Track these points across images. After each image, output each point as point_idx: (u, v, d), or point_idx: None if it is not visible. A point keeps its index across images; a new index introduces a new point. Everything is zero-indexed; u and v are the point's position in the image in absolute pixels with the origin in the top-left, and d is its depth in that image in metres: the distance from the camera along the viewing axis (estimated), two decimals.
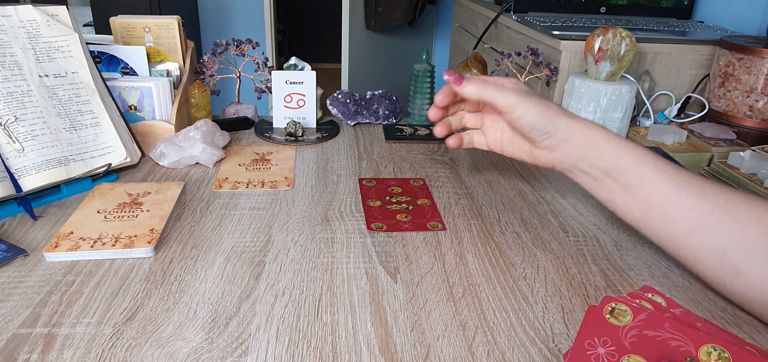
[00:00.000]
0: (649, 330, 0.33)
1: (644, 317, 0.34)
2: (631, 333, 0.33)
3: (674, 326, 0.33)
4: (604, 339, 0.34)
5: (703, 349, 0.32)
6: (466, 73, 0.96)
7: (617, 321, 0.34)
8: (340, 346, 0.42)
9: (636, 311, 0.34)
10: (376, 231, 0.59)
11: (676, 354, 0.32)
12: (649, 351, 0.32)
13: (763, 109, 0.93)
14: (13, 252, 0.52)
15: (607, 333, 0.34)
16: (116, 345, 0.41)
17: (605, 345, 0.33)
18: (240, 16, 2.65)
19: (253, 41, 0.93)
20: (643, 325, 0.33)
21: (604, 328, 0.34)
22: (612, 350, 0.33)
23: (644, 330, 0.33)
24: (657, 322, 0.33)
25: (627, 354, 0.33)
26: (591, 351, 0.34)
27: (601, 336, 0.34)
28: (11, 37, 0.65)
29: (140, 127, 0.78)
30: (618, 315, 0.34)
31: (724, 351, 0.31)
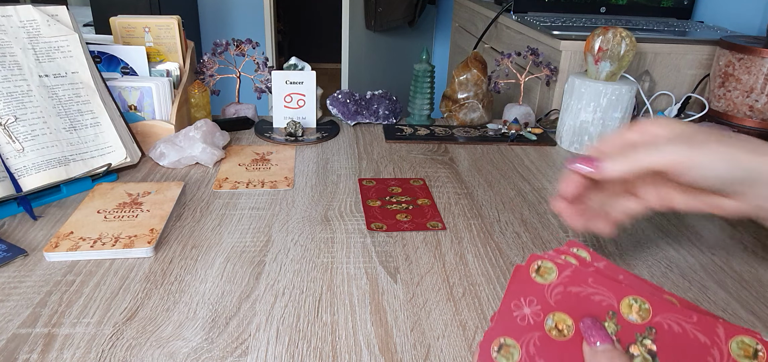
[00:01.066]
0: (574, 286, 0.33)
1: (569, 273, 0.34)
2: (556, 291, 0.34)
3: (597, 280, 0.33)
4: (529, 299, 0.34)
5: (624, 302, 0.32)
6: (465, 73, 0.96)
7: (543, 279, 0.34)
8: (340, 346, 0.42)
9: (561, 268, 0.34)
10: (376, 231, 0.59)
11: (599, 308, 0.32)
12: (574, 308, 0.33)
13: (763, 109, 0.93)
14: (13, 252, 0.52)
15: (533, 292, 0.34)
16: (116, 345, 0.41)
17: (531, 304, 0.34)
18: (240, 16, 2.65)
19: (253, 41, 0.93)
20: (568, 281, 0.34)
21: (530, 287, 0.34)
22: (538, 309, 0.33)
23: (569, 287, 0.33)
24: (581, 278, 0.33)
25: (552, 312, 0.33)
26: (517, 311, 0.34)
27: (527, 295, 0.34)
28: (11, 37, 0.65)
29: (140, 127, 0.78)
30: (544, 273, 0.35)
31: (645, 302, 0.32)
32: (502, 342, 0.33)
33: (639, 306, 0.32)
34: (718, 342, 0.29)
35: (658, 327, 0.31)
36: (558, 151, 0.88)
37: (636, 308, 0.32)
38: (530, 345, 0.32)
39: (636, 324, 0.31)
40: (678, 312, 0.31)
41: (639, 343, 0.30)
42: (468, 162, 0.81)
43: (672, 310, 0.31)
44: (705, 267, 0.55)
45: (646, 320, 0.31)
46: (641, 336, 0.31)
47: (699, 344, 0.29)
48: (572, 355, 0.31)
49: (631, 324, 0.31)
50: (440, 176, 0.75)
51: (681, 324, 0.30)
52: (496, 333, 0.33)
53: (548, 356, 0.31)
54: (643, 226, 0.63)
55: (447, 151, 0.85)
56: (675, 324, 0.30)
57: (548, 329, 0.32)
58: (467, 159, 0.82)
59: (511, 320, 0.33)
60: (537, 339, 0.32)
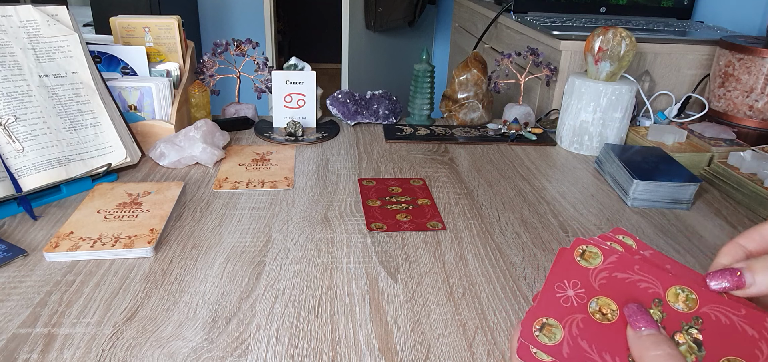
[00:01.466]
0: (619, 273, 0.33)
1: (615, 259, 0.33)
2: (600, 275, 0.33)
3: (644, 267, 0.33)
4: (573, 282, 0.33)
5: (671, 291, 0.32)
6: (465, 73, 0.96)
7: (588, 263, 0.34)
8: (340, 346, 0.42)
9: (606, 253, 0.34)
10: (376, 231, 0.59)
11: (645, 295, 0.32)
12: (618, 293, 0.32)
13: (763, 109, 0.93)
14: (13, 252, 0.52)
15: (577, 276, 0.33)
16: (116, 345, 0.41)
17: (575, 287, 0.33)
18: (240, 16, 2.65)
19: (253, 41, 0.93)
20: (613, 267, 0.33)
21: (574, 270, 0.34)
22: (581, 292, 0.33)
23: (614, 273, 0.33)
24: (627, 264, 0.33)
25: (596, 296, 0.32)
26: (560, 293, 0.33)
27: (571, 278, 0.33)
28: (11, 37, 0.65)
29: (140, 127, 0.78)
30: (588, 258, 0.34)
31: (692, 292, 0.31)
32: (544, 321, 0.32)
33: (686, 295, 0.31)
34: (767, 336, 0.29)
35: (705, 317, 0.30)
36: (558, 151, 0.88)
37: (683, 297, 0.31)
38: (573, 326, 0.32)
39: (682, 313, 0.31)
40: (726, 304, 0.30)
41: (684, 331, 0.30)
42: (468, 162, 0.81)
43: (720, 302, 0.30)
44: (705, 267, 0.55)
45: (692, 310, 0.31)
46: (687, 325, 0.30)
47: (746, 336, 0.29)
48: (616, 339, 0.31)
49: (677, 313, 0.31)
50: (440, 176, 0.75)
51: (728, 316, 0.30)
52: (538, 313, 0.33)
53: (592, 338, 0.31)
54: (643, 226, 0.63)
55: (447, 151, 0.85)
56: (722, 315, 0.30)
57: (592, 312, 0.32)
58: (467, 159, 0.82)
59: (554, 300, 0.33)
60: (580, 321, 0.32)
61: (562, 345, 0.31)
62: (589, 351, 0.31)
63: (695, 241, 0.60)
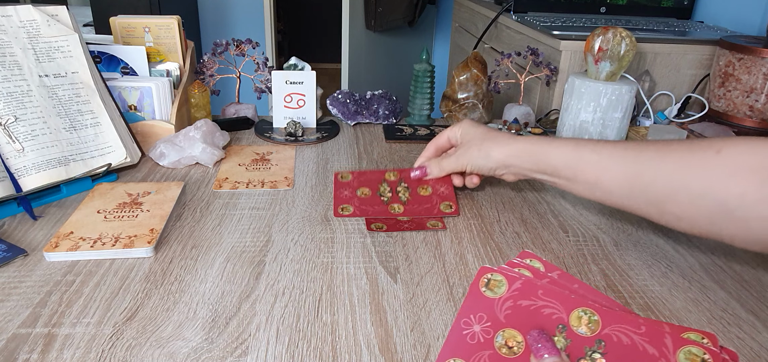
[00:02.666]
0: (523, 300, 0.33)
1: (519, 286, 0.33)
2: (506, 305, 0.33)
3: (547, 292, 0.33)
4: (480, 315, 0.33)
5: (573, 314, 0.32)
6: (465, 73, 0.96)
7: (493, 293, 0.34)
8: (340, 346, 0.42)
9: (511, 280, 0.33)
10: (376, 232, 0.59)
11: (549, 321, 0.32)
12: (524, 323, 0.32)
13: (763, 109, 0.93)
14: (13, 252, 0.52)
15: (484, 308, 0.33)
16: (116, 345, 0.41)
17: (481, 321, 0.33)
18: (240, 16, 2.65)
19: (253, 41, 0.93)
20: (517, 295, 0.33)
21: (480, 303, 0.33)
22: (488, 326, 0.33)
23: (519, 301, 0.33)
24: (531, 290, 0.33)
25: (502, 329, 0.32)
26: (467, 329, 0.33)
27: (478, 311, 0.33)
28: (11, 37, 0.65)
29: (140, 127, 0.78)
30: (493, 287, 0.34)
31: (594, 314, 0.31)
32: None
33: (588, 317, 0.31)
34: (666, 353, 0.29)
35: (607, 339, 0.30)
36: None
37: (585, 320, 0.31)
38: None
39: (585, 338, 0.31)
40: (626, 322, 0.30)
41: (588, 357, 0.30)
42: None
43: (621, 320, 0.30)
44: (705, 267, 0.55)
45: (595, 332, 0.31)
46: (590, 350, 0.30)
47: (647, 356, 0.29)
48: None
49: (580, 338, 0.31)
50: None
51: (629, 335, 0.30)
52: (447, 354, 0.33)
53: None
54: (644, 226, 0.63)
55: None
56: (624, 335, 0.30)
57: (498, 347, 0.32)
58: None
59: (461, 338, 0.33)
60: (487, 358, 0.32)
61: None
62: None
63: (695, 241, 0.60)
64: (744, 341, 0.44)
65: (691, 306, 0.49)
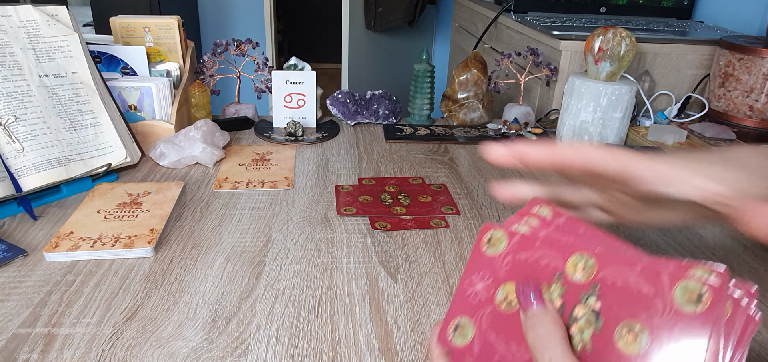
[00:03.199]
0: (522, 253, 0.32)
1: (517, 240, 0.33)
2: (506, 261, 0.32)
3: (545, 242, 0.32)
4: (482, 274, 0.33)
5: (570, 261, 0.31)
6: (465, 73, 0.96)
7: (494, 250, 0.33)
8: (340, 346, 0.42)
9: (511, 236, 0.33)
10: (380, 230, 0.59)
11: (546, 272, 0.31)
12: (522, 276, 0.32)
13: (763, 109, 0.93)
14: (13, 252, 0.52)
15: (486, 266, 0.33)
16: (116, 345, 0.41)
17: (483, 278, 0.33)
18: (240, 16, 2.65)
19: (253, 41, 0.93)
20: (516, 248, 0.32)
21: (482, 262, 0.33)
22: (489, 283, 0.32)
23: (517, 254, 0.32)
24: (529, 243, 0.32)
25: (502, 284, 0.32)
26: (470, 289, 0.33)
27: (481, 270, 0.33)
28: (11, 37, 0.65)
29: (140, 127, 0.78)
30: (495, 244, 0.33)
31: (590, 258, 0.30)
32: (457, 322, 0.33)
33: (584, 263, 0.30)
34: (662, 291, 0.28)
35: (602, 282, 0.29)
36: None
37: (581, 266, 0.30)
38: (482, 320, 0.32)
39: (580, 284, 0.30)
40: (623, 263, 0.29)
41: (583, 303, 0.29)
42: (468, 162, 0.81)
43: (617, 261, 0.30)
44: None
45: (590, 277, 0.30)
46: (585, 295, 0.30)
47: (642, 296, 0.28)
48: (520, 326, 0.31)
49: (575, 285, 0.30)
50: (440, 176, 0.75)
51: (624, 277, 0.29)
52: (452, 315, 0.33)
53: (499, 329, 0.31)
54: None
55: (447, 151, 0.85)
56: (619, 277, 0.29)
57: (498, 302, 0.32)
58: (467, 159, 0.82)
59: (464, 299, 0.33)
60: (488, 314, 0.32)
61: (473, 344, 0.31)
62: (496, 343, 0.31)
63: (695, 241, 0.60)
64: None
65: None
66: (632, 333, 0.27)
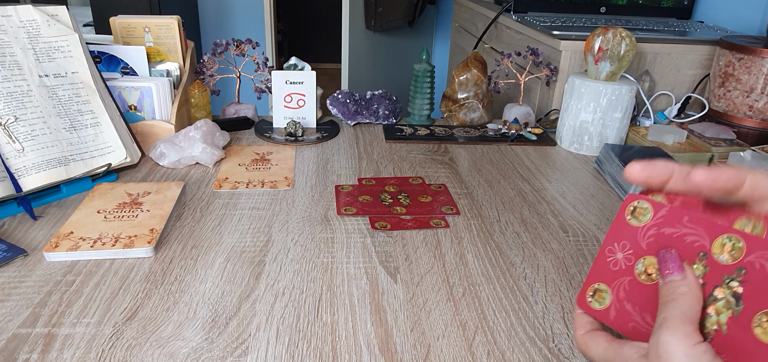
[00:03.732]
0: (668, 228, 0.32)
1: (664, 213, 0.32)
2: (649, 233, 0.32)
3: (693, 219, 0.31)
4: (623, 243, 0.33)
5: (717, 242, 0.30)
6: (465, 73, 0.96)
7: (638, 221, 0.33)
8: (340, 346, 0.42)
9: (656, 208, 0.33)
10: (380, 230, 0.59)
11: (691, 250, 0.31)
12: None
13: (763, 109, 0.93)
14: (13, 252, 0.52)
15: (627, 236, 0.33)
16: (116, 345, 0.41)
17: (624, 249, 0.33)
18: (240, 16, 2.65)
19: (253, 41, 0.93)
20: (662, 222, 0.32)
21: (624, 231, 0.33)
22: (630, 253, 0.33)
23: (662, 228, 0.32)
24: (676, 218, 0.32)
25: (643, 256, 0.32)
26: (610, 257, 0.33)
27: (622, 239, 0.33)
28: (11, 37, 0.65)
29: (140, 127, 0.78)
30: (639, 215, 0.33)
31: (739, 240, 0.30)
32: (596, 287, 0.33)
33: (733, 244, 0.30)
34: None
35: (749, 267, 0.29)
36: (558, 151, 0.88)
37: (729, 247, 0.30)
38: (620, 289, 0.32)
39: (726, 266, 0.30)
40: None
41: (725, 285, 0.29)
42: (468, 162, 0.81)
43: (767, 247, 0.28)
44: None
45: (737, 260, 0.29)
46: (729, 278, 0.29)
47: None
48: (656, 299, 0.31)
49: (720, 266, 0.30)
50: (440, 176, 0.75)
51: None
52: (591, 280, 0.33)
53: (636, 300, 0.31)
54: None
55: (447, 151, 0.85)
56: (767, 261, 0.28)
57: (638, 273, 0.32)
58: (467, 159, 0.82)
59: (605, 265, 0.33)
60: (627, 284, 0.32)
61: (610, 310, 0.32)
62: (633, 313, 0.31)
63: None
64: None
65: None
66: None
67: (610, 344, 0.32)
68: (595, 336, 0.33)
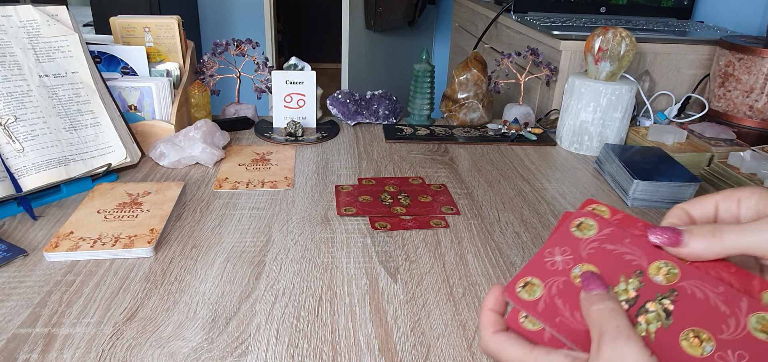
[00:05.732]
0: (609, 244, 0.34)
1: (608, 232, 0.34)
2: (591, 245, 0.34)
3: (635, 242, 0.33)
4: (564, 249, 0.34)
5: (654, 264, 0.32)
6: (465, 73, 0.96)
7: (582, 234, 0.35)
8: (340, 346, 0.42)
9: (601, 226, 0.35)
10: (380, 230, 0.59)
11: (628, 267, 0.33)
12: (603, 263, 0.33)
13: (763, 109, 0.93)
14: (13, 252, 0.52)
15: (569, 244, 0.35)
16: (116, 345, 0.41)
17: (564, 253, 0.34)
18: (240, 16, 2.65)
19: (253, 41, 0.93)
20: (605, 239, 0.34)
21: (567, 240, 0.35)
22: (569, 258, 0.34)
23: (604, 244, 0.34)
24: (619, 238, 0.34)
25: (581, 263, 0.33)
26: (549, 258, 0.34)
27: (563, 246, 0.35)
28: (11, 37, 0.65)
29: (140, 127, 0.78)
30: (584, 229, 0.35)
31: (675, 267, 0.31)
32: (528, 280, 0.34)
33: (668, 269, 0.31)
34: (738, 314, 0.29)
35: (682, 291, 0.30)
36: (558, 151, 0.88)
37: (664, 271, 0.31)
38: (553, 286, 0.33)
39: (659, 285, 0.31)
40: (707, 281, 0.30)
41: (657, 301, 0.30)
42: (468, 162, 0.81)
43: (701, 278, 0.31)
44: None
45: (671, 282, 0.31)
46: (662, 295, 0.31)
47: (718, 312, 0.29)
48: None
49: (654, 285, 0.31)
50: (440, 176, 0.75)
51: (705, 292, 0.30)
52: (524, 274, 0.34)
53: (567, 298, 0.32)
54: None
55: (447, 151, 0.85)
56: (699, 290, 0.30)
57: (573, 276, 0.33)
58: (467, 159, 0.82)
59: (541, 264, 0.34)
60: (561, 283, 0.33)
61: (538, 302, 0.32)
62: (562, 308, 0.32)
63: None
64: None
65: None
66: (698, 338, 0.28)
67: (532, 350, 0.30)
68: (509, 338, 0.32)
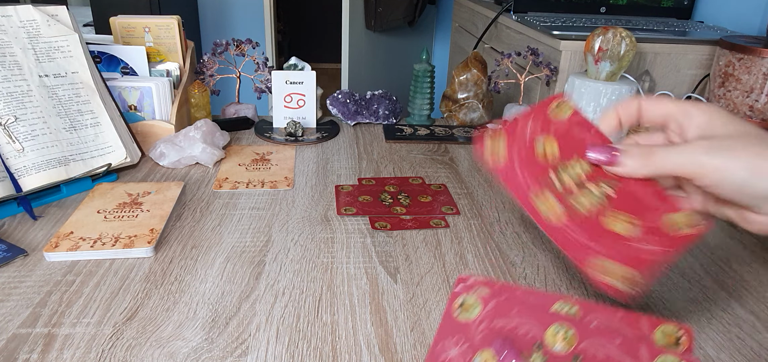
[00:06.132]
0: (499, 320, 0.32)
1: (492, 306, 0.32)
2: (481, 327, 0.32)
3: (522, 311, 0.32)
4: (457, 338, 0.32)
5: (549, 331, 0.31)
6: (465, 73, 0.96)
7: (468, 315, 0.33)
8: (340, 346, 0.42)
9: (485, 301, 0.33)
10: (380, 230, 0.59)
11: (525, 341, 0.31)
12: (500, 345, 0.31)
13: (763, 109, 0.93)
14: (13, 252, 0.52)
15: (460, 332, 0.32)
16: (116, 345, 0.41)
17: (458, 343, 0.32)
18: (240, 16, 2.65)
19: (253, 41, 0.93)
20: (492, 315, 0.32)
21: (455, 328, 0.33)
22: (465, 348, 0.32)
23: (493, 321, 0.32)
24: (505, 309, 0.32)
25: (480, 350, 0.31)
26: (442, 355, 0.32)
27: (455, 335, 0.32)
28: (11, 37, 0.65)
29: (140, 127, 0.78)
30: (467, 309, 0.33)
31: (570, 329, 0.31)
32: None
33: (564, 332, 0.31)
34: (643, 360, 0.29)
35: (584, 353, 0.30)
36: None
37: (561, 335, 0.30)
38: None
39: (561, 355, 0.30)
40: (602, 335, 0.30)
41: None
42: (468, 162, 0.81)
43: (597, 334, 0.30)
44: (705, 267, 0.55)
45: (572, 347, 0.30)
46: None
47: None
48: None
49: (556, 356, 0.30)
50: (440, 176, 0.75)
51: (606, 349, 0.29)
52: None
53: None
54: None
55: (447, 151, 0.85)
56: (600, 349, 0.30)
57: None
58: (467, 159, 0.82)
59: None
60: None
61: None
62: None
63: None
64: (744, 341, 0.45)
65: (691, 306, 0.49)
66: None
67: None
68: None
